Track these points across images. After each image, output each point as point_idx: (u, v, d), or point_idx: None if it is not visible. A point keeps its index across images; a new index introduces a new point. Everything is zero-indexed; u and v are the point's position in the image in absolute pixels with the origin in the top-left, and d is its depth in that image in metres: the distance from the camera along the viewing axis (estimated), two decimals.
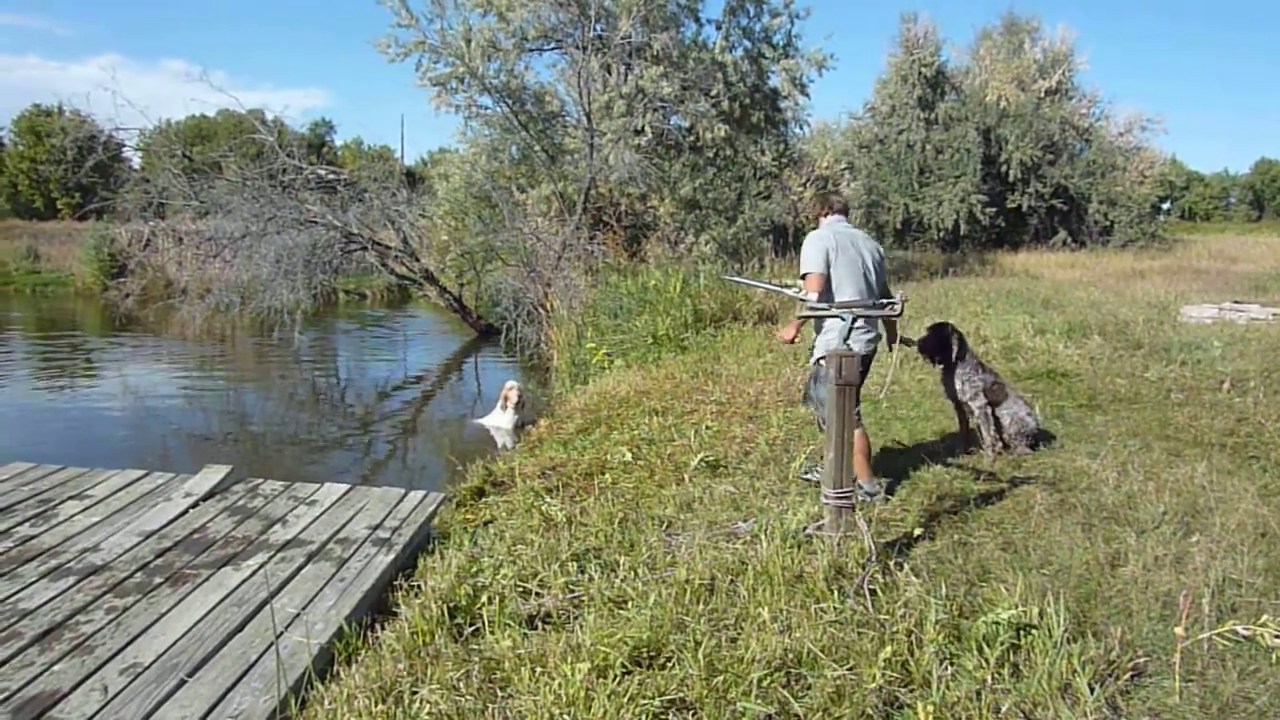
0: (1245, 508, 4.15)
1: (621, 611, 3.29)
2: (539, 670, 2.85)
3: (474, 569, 3.75)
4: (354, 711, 2.73)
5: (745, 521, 4.23)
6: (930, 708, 2.55)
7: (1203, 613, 3.09)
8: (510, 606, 3.36)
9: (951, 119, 26.52)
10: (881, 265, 4.65)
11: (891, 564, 3.59)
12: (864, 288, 4.46)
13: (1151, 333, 9.45)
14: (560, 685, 2.71)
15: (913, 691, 2.73)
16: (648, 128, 14.28)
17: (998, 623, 2.92)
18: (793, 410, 6.58)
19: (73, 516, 4.47)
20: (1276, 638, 2.90)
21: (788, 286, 4.58)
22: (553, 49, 15.41)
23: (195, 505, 4.66)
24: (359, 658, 3.17)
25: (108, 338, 16.61)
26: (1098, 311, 10.93)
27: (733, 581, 3.48)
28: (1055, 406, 6.52)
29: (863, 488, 4.49)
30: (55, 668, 2.98)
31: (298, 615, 3.40)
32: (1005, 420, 5.34)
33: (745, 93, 15.42)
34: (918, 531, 3.99)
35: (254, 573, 3.80)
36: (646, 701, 2.65)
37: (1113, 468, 4.91)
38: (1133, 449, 5.33)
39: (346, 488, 5.03)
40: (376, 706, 2.73)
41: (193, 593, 3.59)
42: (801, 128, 18.45)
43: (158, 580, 3.71)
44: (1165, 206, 39.95)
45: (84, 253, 24.11)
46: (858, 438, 4.41)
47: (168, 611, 3.41)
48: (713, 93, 14.64)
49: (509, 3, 14.02)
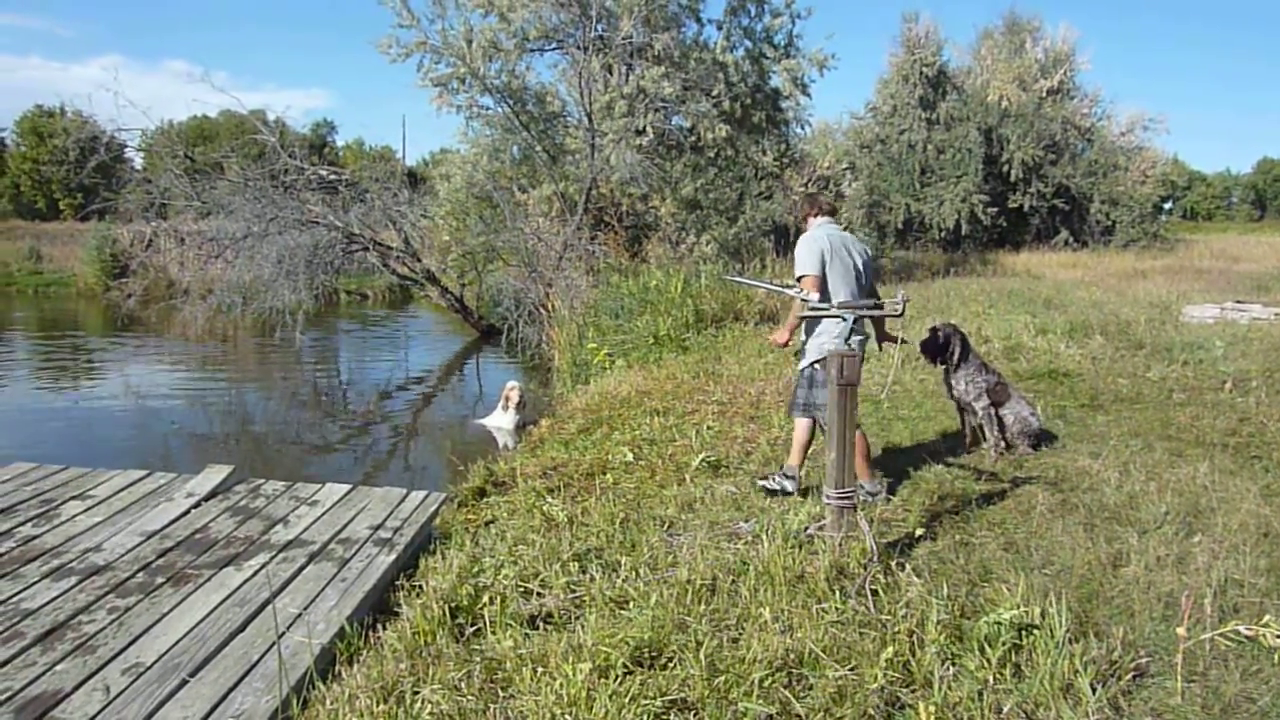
0: (1247, 508, 4.15)
1: (623, 612, 3.29)
2: (540, 670, 2.85)
3: (475, 569, 3.76)
4: (356, 711, 2.73)
5: (747, 522, 4.23)
6: (932, 708, 2.55)
7: (1205, 613, 3.09)
8: (512, 606, 3.36)
9: (953, 119, 26.52)
10: (869, 267, 4.68)
11: (893, 564, 3.59)
12: (855, 289, 4.51)
13: (1153, 333, 9.43)
14: (562, 685, 2.71)
15: (914, 692, 2.73)
16: (649, 128, 14.28)
17: (999, 623, 2.92)
18: None
19: (75, 516, 4.47)
20: (1279, 638, 2.90)
21: (789, 287, 4.59)
22: (554, 49, 15.46)
23: (197, 505, 4.66)
24: (361, 658, 3.17)
25: (110, 338, 16.63)
26: (1099, 311, 10.92)
27: (734, 582, 3.48)
28: (1057, 406, 6.52)
29: (864, 487, 4.49)
30: (57, 668, 2.99)
31: (299, 615, 3.40)
32: (1008, 420, 5.35)
33: (746, 93, 15.42)
34: (919, 532, 3.99)
35: (256, 573, 3.80)
36: (648, 702, 2.65)
37: (1115, 468, 4.91)
38: (1135, 449, 5.33)
39: (348, 488, 5.03)
40: (378, 706, 2.74)
41: (195, 593, 3.60)
42: (803, 128, 18.46)
43: (160, 580, 3.72)
44: (1167, 206, 39.93)
45: (86, 253, 24.15)
46: (856, 438, 4.41)
47: (170, 611, 3.42)
48: (714, 93, 14.64)
49: (510, 3, 14.03)
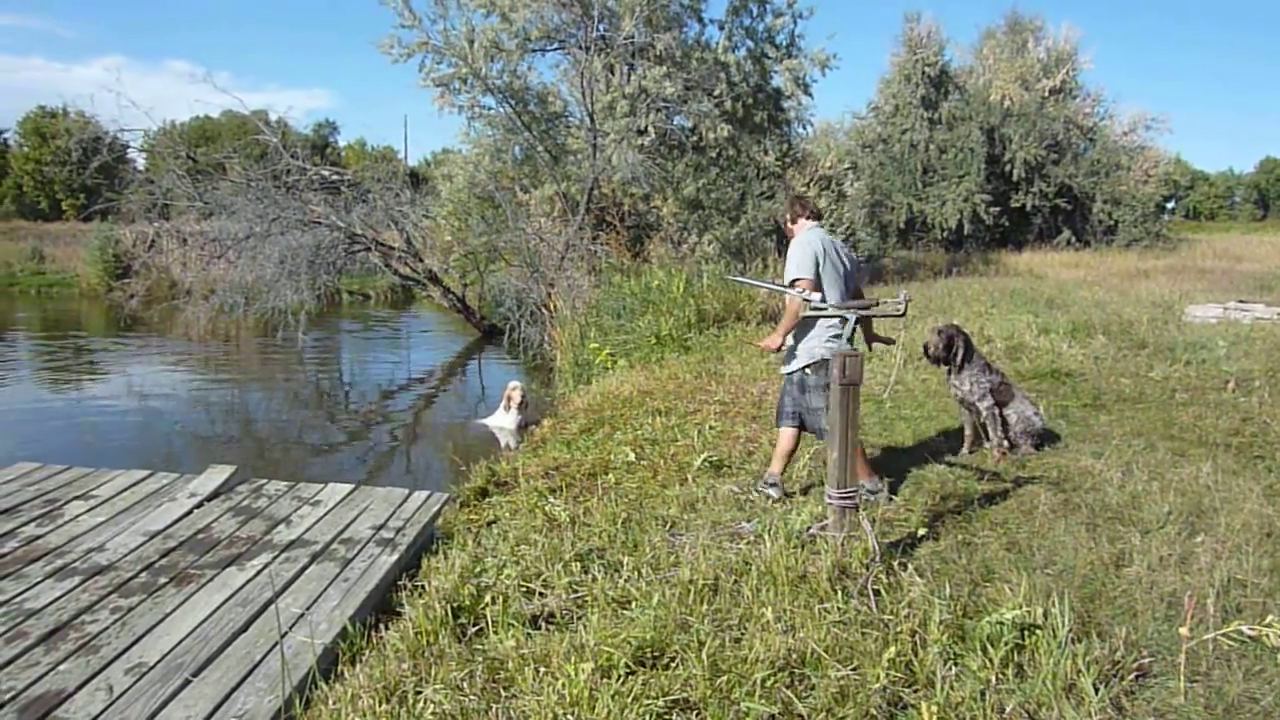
0: (1250, 508, 4.14)
1: (625, 612, 3.29)
2: (543, 670, 2.85)
3: (478, 569, 3.76)
4: (358, 711, 2.74)
5: (749, 522, 4.23)
6: (934, 708, 2.55)
7: (1208, 613, 3.09)
8: (514, 606, 3.36)
9: (955, 118, 26.51)
10: (854, 270, 4.73)
11: (895, 564, 3.59)
12: (844, 292, 4.54)
13: (1156, 332, 9.42)
14: (564, 685, 2.71)
15: (917, 692, 2.73)
16: (651, 128, 14.28)
17: (1002, 623, 2.92)
18: None
19: (78, 516, 4.48)
20: None
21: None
22: (556, 49, 15.46)
23: (200, 505, 4.67)
24: (363, 658, 3.18)
25: (112, 338, 16.64)
26: (1102, 311, 10.91)
27: (736, 582, 3.48)
28: (1059, 406, 6.51)
29: (865, 486, 4.49)
30: (61, 667, 2.99)
31: (302, 615, 3.41)
32: (1012, 419, 5.35)
33: (748, 93, 15.42)
34: (922, 531, 3.99)
35: (258, 573, 3.81)
36: (650, 702, 2.65)
37: (1117, 467, 4.90)
38: (1137, 449, 5.32)
39: (350, 488, 5.03)
40: (380, 706, 2.74)
41: (197, 593, 3.60)
42: (805, 127, 18.45)
43: (162, 580, 3.72)
44: (1170, 206, 39.92)
45: (89, 254, 24.19)
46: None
47: (172, 611, 3.42)
48: (716, 93, 14.64)
49: (512, 3, 14.04)
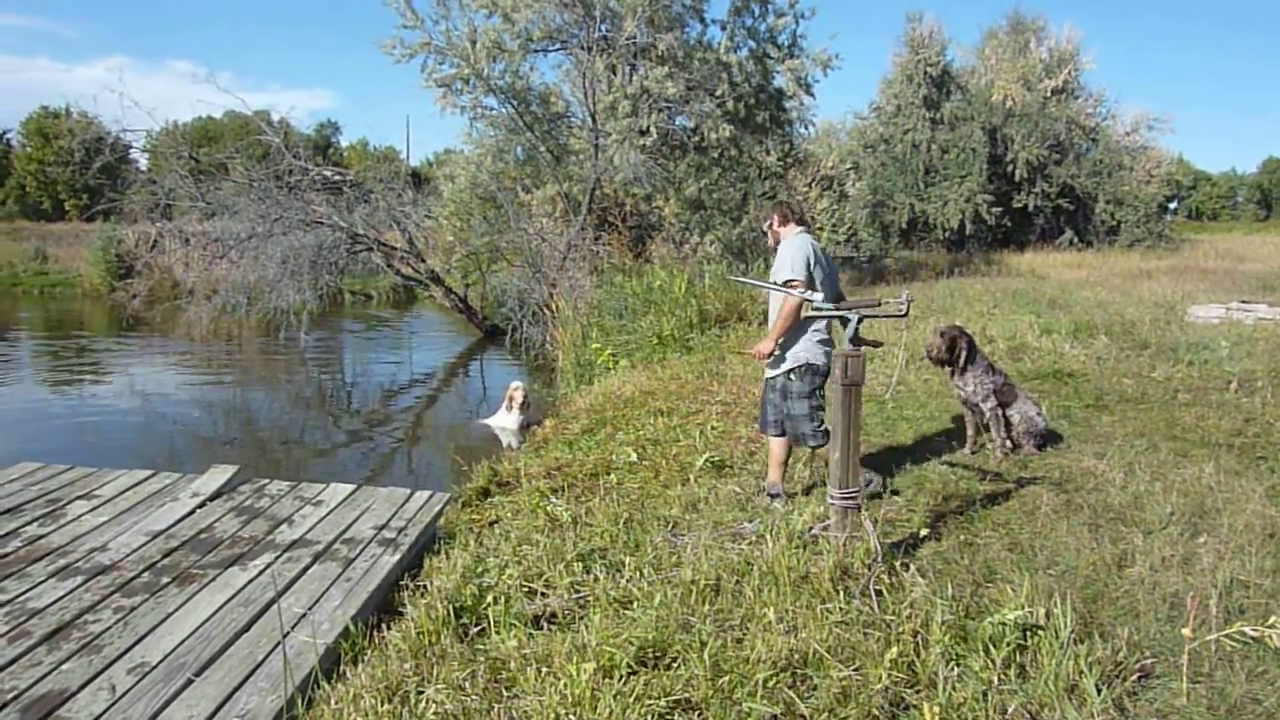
0: (1253, 508, 4.14)
1: (627, 612, 3.29)
2: (544, 670, 2.85)
3: (479, 569, 3.76)
4: (360, 711, 2.74)
5: (751, 522, 4.23)
6: (936, 708, 2.54)
7: (1210, 614, 3.08)
8: (516, 606, 3.36)
9: (957, 118, 26.48)
10: (835, 274, 4.78)
11: (897, 564, 3.58)
12: (829, 297, 4.51)
13: (1158, 333, 9.41)
14: (566, 685, 2.71)
15: (919, 692, 2.72)
16: (653, 128, 14.28)
17: (1004, 623, 2.92)
18: None
19: (80, 516, 4.48)
20: None
21: (795, 286, 4.58)
22: (558, 50, 15.44)
23: (202, 505, 4.68)
24: (365, 657, 3.18)
25: (115, 338, 16.67)
26: (1104, 311, 10.90)
27: (738, 582, 3.48)
28: (1062, 407, 6.50)
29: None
30: (63, 667, 3.00)
31: (304, 615, 3.41)
32: (1015, 420, 5.35)
33: (750, 93, 15.41)
34: (924, 532, 3.98)
35: (260, 573, 3.81)
36: (652, 702, 2.65)
37: (1119, 468, 4.90)
38: (1139, 449, 5.31)
39: (352, 488, 5.04)
40: (382, 706, 2.74)
41: (200, 592, 3.61)
42: (806, 128, 18.43)
43: (165, 580, 3.73)
44: (1172, 206, 39.90)
45: (91, 254, 24.22)
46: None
47: (175, 611, 3.43)
48: (717, 93, 14.63)
49: (514, 4, 14.03)
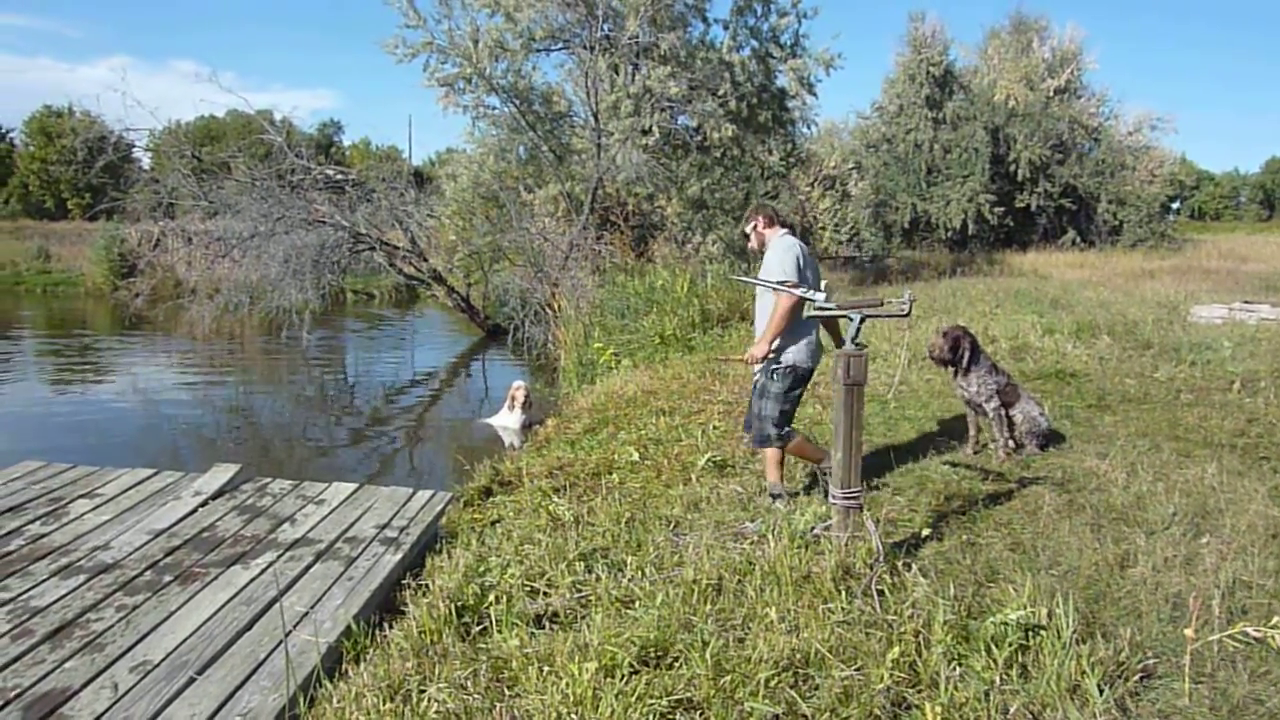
0: (1256, 509, 4.13)
1: (629, 611, 3.29)
2: (546, 669, 2.85)
3: (481, 568, 3.76)
4: (362, 710, 2.74)
5: (753, 521, 4.22)
6: (938, 708, 2.54)
7: (1213, 614, 3.08)
8: (518, 606, 3.37)
9: (959, 118, 26.46)
10: (820, 277, 4.73)
11: (899, 564, 3.58)
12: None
13: (1161, 333, 9.39)
14: (568, 684, 2.71)
15: (921, 692, 2.72)
16: (655, 127, 14.28)
17: (1006, 623, 2.91)
18: (800, 410, 6.55)
19: (83, 515, 4.49)
20: None
21: (796, 287, 4.59)
22: (560, 49, 15.44)
23: (204, 504, 4.68)
24: (367, 656, 3.19)
25: (117, 337, 16.70)
26: (1107, 311, 10.88)
27: (740, 581, 3.48)
28: (1064, 407, 6.49)
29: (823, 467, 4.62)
30: (66, 665, 3.00)
31: (306, 614, 3.42)
32: (1017, 419, 5.34)
33: (753, 92, 15.40)
34: (926, 532, 3.98)
35: (263, 571, 3.82)
36: (654, 701, 2.65)
37: (1122, 468, 4.89)
38: (1142, 449, 5.31)
39: (354, 487, 5.05)
40: (384, 705, 2.74)
41: (202, 591, 3.61)
42: (809, 127, 18.44)
43: (167, 578, 3.73)
44: (1175, 206, 39.86)
45: (94, 253, 24.25)
46: (800, 441, 4.69)
47: (177, 610, 3.43)
48: (720, 92, 14.63)
49: (516, 3, 14.04)
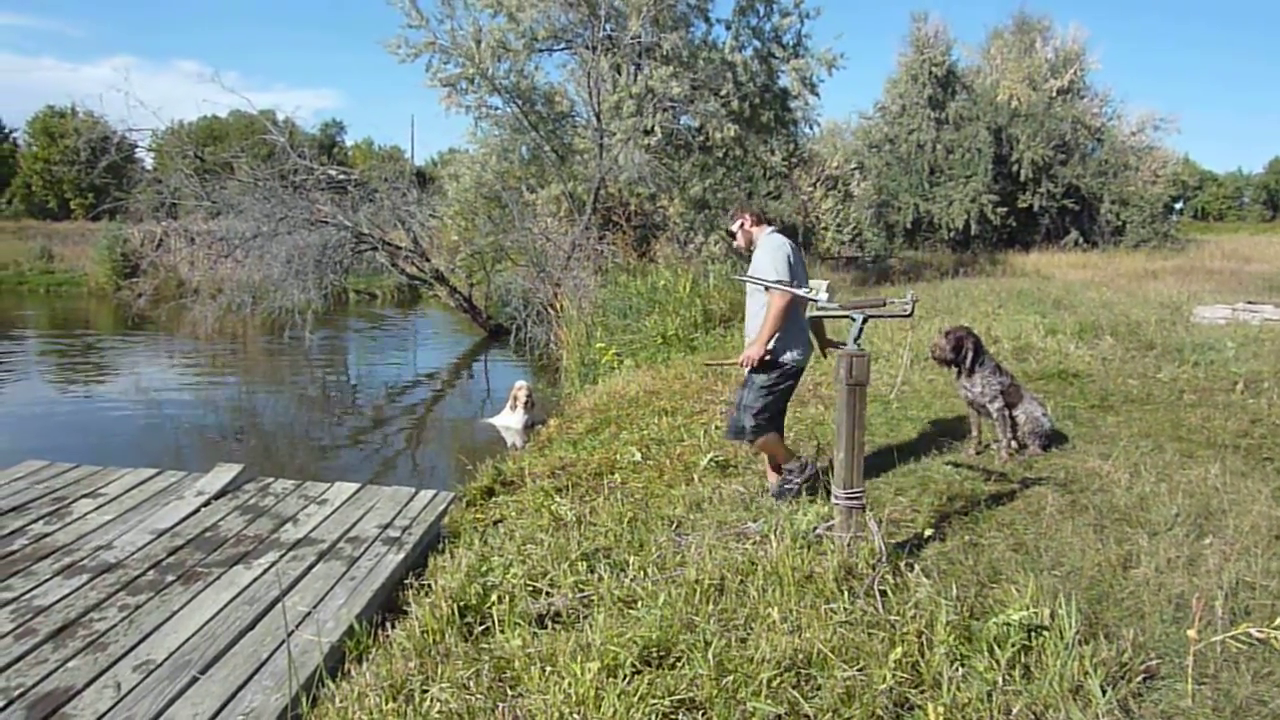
0: (1259, 510, 4.12)
1: (631, 611, 3.29)
2: (549, 669, 2.85)
3: (484, 568, 3.76)
4: (365, 709, 2.74)
5: (755, 522, 4.22)
6: (941, 709, 2.54)
7: (1216, 615, 3.07)
8: (520, 605, 3.37)
9: (962, 118, 26.43)
10: (807, 276, 4.78)
11: (902, 565, 3.58)
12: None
13: (1164, 333, 9.38)
14: (570, 684, 2.71)
15: (923, 693, 2.72)
16: (657, 128, 14.27)
17: (1009, 624, 2.91)
18: (802, 410, 6.57)
19: (86, 514, 4.50)
20: None
21: (798, 287, 4.59)
22: (562, 49, 15.45)
23: (207, 504, 4.69)
24: (370, 656, 3.19)
25: (120, 337, 16.73)
26: (1110, 312, 10.87)
27: (742, 582, 3.47)
28: (1067, 407, 6.48)
29: (789, 469, 4.64)
30: (69, 664, 3.01)
31: (309, 614, 3.42)
32: (1020, 420, 5.34)
33: (755, 92, 15.40)
34: (928, 532, 3.97)
35: (265, 571, 3.82)
36: (656, 701, 2.65)
37: (1125, 469, 4.88)
38: (1145, 450, 5.30)
39: (357, 487, 5.05)
40: (387, 704, 2.75)
41: (205, 591, 3.62)
42: (811, 127, 18.44)
43: (170, 578, 3.74)
44: (1178, 206, 39.81)
45: (97, 253, 24.30)
46: (771, 439, 4.65)
47: (180, 609, 3.44)
48: (722, 93, 14.63)
49: (519, 3, 14.05)
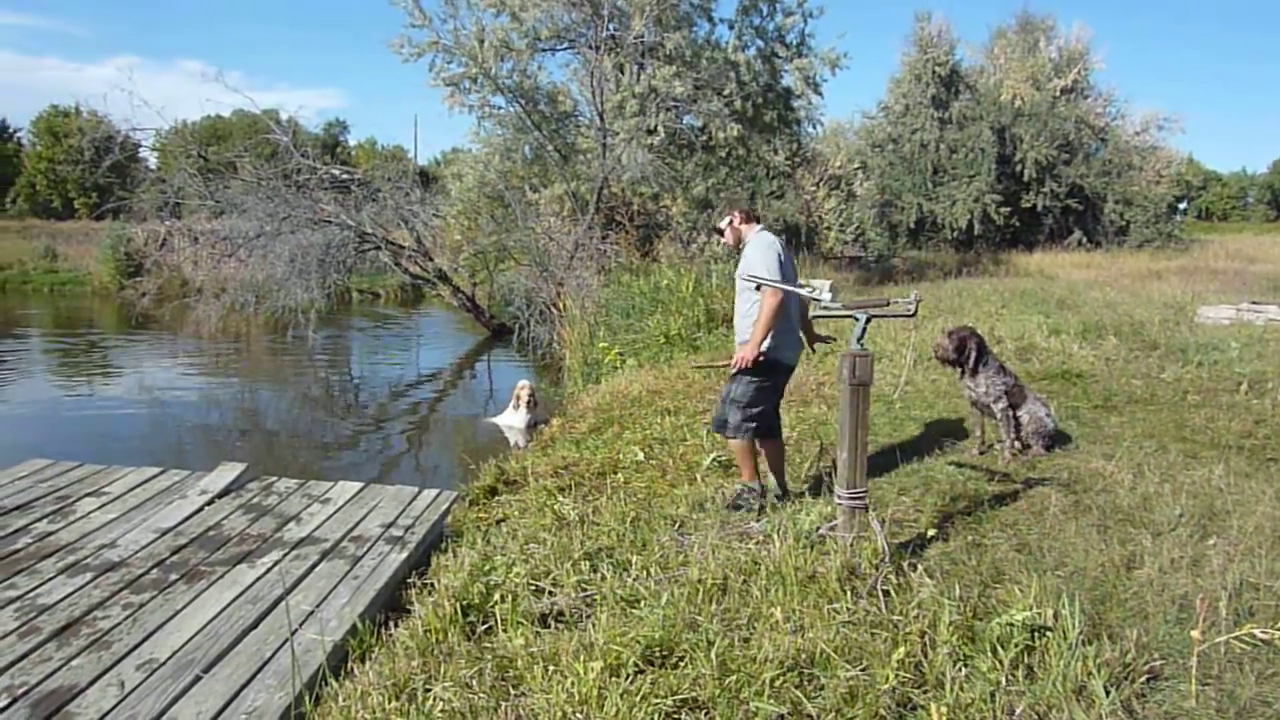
0: (1263, 510, 4.11)
1: (634, 610, 3.29)
2: (551, 668, 2.86)
3: (487, 567, 3.76)
4: (368, 708, 2.75)
5: (758, 521, 4.22)
6: (943, 709, 2.54)
7: (1220, 616, 3.07)
8: (523, 605, 3.37)
9: (966, 118, 26.40)
10: (796, 275, 4.73)
11: (905, 565, 3.57)
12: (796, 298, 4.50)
13: (1168, 333, 9.36)
14: (573, 684, 2.72)
15: (926, 693, 2.72)
16: (660, 127, 14.27)
17: (1012, 624, 2.90)
18: (805, 410, 6.57)
19: (90, 513, 4.51)
20: None
21: (801, 286, 4.59)
22: (566, 49, 15.45)
23: (211, 502, 4.70)
24: (373, 655, 3.19)
25: (124, 336, 16.76)
26: (1113, 312, 10.85)
27: (745, 581, 3.47)
28: (1070, 407, 6.47)
29: (748, 486, 4.58)
30: (73, 663, 3.01)
31: (312, 612, 3.42)
32: (1024, 420, 5.33)
33: (758, 92, 15.39)
34: (931, 532, 3.97)
35: (269, 570, 3.83)
36: (659, 700, 2.65)
37: (1128, 469, 4.87)
38: (1148, 450, 5.29)
39: (360, 486, 5.06)
40: (390, 703, 2.75)
41: (208, 589, 3.62)
42: (814, 127, 18.44)
43: (174, 577, 3.75)
44: (1182, 206, 39.70)
45: (101, 252, 24.35)
46: (772, 445, 4.65)
47: (183, 608, 3.45)
48: (725, 92, 14.62)
49: (522, 3, 14.05)
